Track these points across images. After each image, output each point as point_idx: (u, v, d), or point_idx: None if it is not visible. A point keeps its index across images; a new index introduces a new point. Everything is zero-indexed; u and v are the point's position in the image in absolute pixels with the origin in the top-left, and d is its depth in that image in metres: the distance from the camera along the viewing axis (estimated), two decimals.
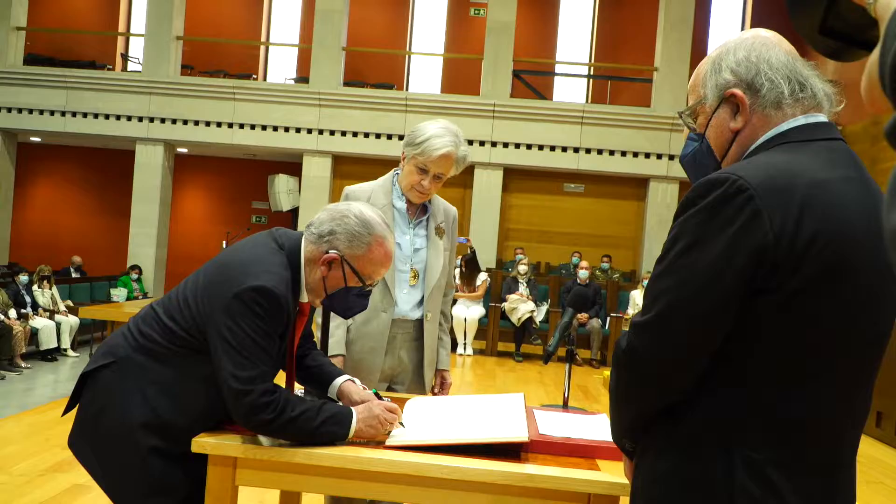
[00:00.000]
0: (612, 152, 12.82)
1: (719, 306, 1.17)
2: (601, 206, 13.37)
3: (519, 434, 1.83)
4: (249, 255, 1.85)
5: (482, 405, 2.16)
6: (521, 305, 9.28)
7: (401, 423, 1.92)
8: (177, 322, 1.85)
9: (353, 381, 2.08)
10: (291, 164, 14.17)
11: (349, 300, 1.95)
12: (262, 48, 15.85)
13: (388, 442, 1.84)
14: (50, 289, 9.38)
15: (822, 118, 1.31)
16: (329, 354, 2.50)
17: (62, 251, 14.31)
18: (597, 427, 2.11)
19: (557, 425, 2.08)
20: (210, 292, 1.81)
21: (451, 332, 2.72)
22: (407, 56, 15.55)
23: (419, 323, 2.63)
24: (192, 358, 1.84)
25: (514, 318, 9.32)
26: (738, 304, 1.17)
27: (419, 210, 2.67)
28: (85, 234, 15.44)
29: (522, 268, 9.71)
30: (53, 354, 8.70)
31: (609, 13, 15.36)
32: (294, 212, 14.04)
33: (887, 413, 6.08)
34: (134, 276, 12.42)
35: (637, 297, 9.59)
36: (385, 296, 2.56)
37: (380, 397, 1.99)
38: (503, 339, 9.57)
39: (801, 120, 1.29)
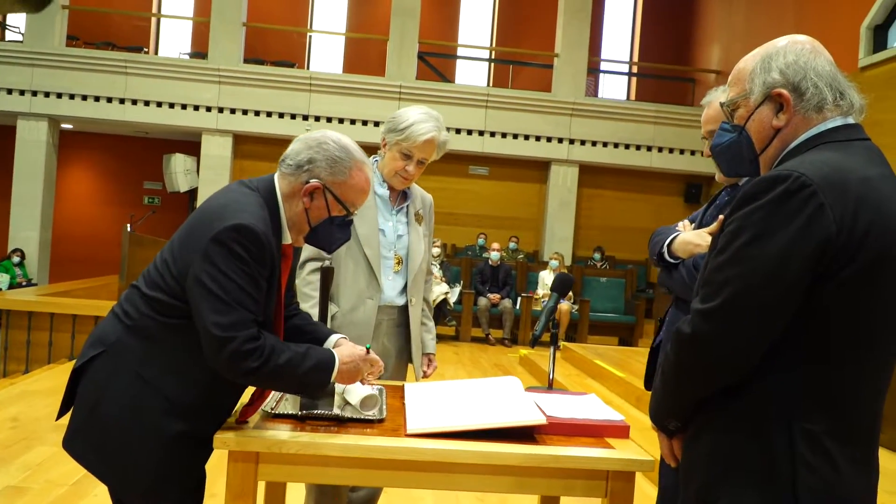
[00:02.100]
0: (515, 136, 13.08)
1: (786, 293, 1.26)
2: (505, 189, 13.62)
3: (536, 417, 1.88)
4: (222, 200, 1.77)
5: (481, 389, 2.19)
6: (435, 287, 9.35)
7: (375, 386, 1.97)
8: (160, 289, 1.74)
9: (346, 338, 2.01)
10: (187, 143, 13.62)
11: (332, 232, 1.89)
12: (154, 20, 15.07)
13: (410, 430, 1.84)
14: None
15: (853, 120, 1.41)
16: None
17: None
18: (591, 407, 2.19)
19: (556, 407, 2.14)
20: (186, 244, 1.73)
21: None
22: (308, 34, 15.20)
23: (404, 309, 2.64)
24: (185, 327, 1.72)
25: None
26: (803, 291, 1.26)
27: (399, 197, 2.67)
28: None
29: (436, 250, 9.77)
30: None
31: None
32: (192, 193, 13.50)
33: None
34: (16, 259, 11.66)
35: (546, 278, 9.86)
36: (371, 282, 2.55)
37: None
38: None
39: (838, 121, 1.39)
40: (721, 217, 2.16)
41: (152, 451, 1.73)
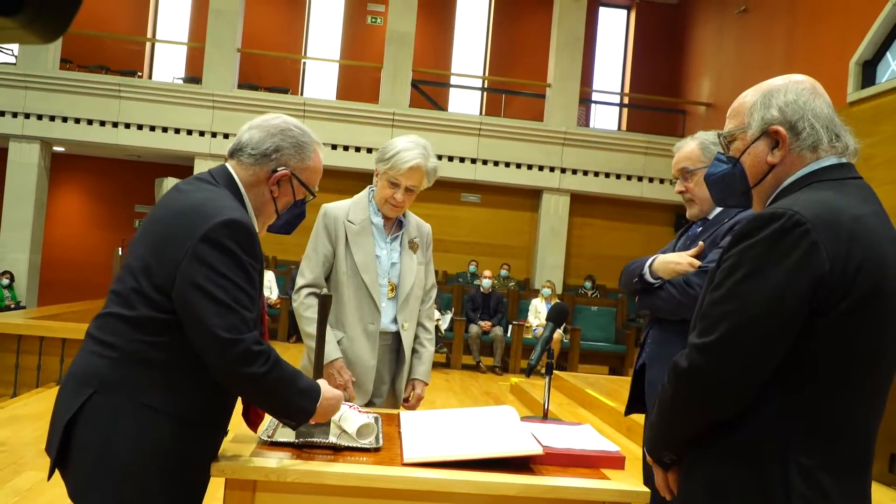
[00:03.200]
0: (507, 164, 13.17)
1: (781, 328, 1.29)
2: (496, 216, 13.69)
3: (532, 447, 1.88)
4: (195, 198, 1.67)
5: (477, 419, 2.20)
6: None
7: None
8: (145, 307, 1.63)
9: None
10: (180, 167, 13.64)
11: (295, 215, 1.90)
12: (148, 45, 15.15)
13: (406, 459, 1.84)
14: None
15: (845, 160, 1.45)
16: (329, 360, 2.50)
17: None
18: (586, 437, 2.20)
19: (552, 437, 2.15)
20: (163, 252, 1.62)
21: None
22: (302, 61, 15.32)
23: (397, 335, 2.66)
24: (178, 342, 1.62)
25: None
26: (797, 326, 1.29)
27: (395, 225, 2.71)
28: None
29: None
30: None
31: (503, 28, 15.75)
32: None
33: None
34: (5, 282, 11.59)
35: (538, 306, 9.87)
36: (371, 308, 2.59)
37: None
38: None
39: (832, 160, 1.43)
40: (701, 243, 2.21)
41: (173, 478, 1.66)
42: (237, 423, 2.06)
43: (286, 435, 1.97)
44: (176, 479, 1.67)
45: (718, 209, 2.37)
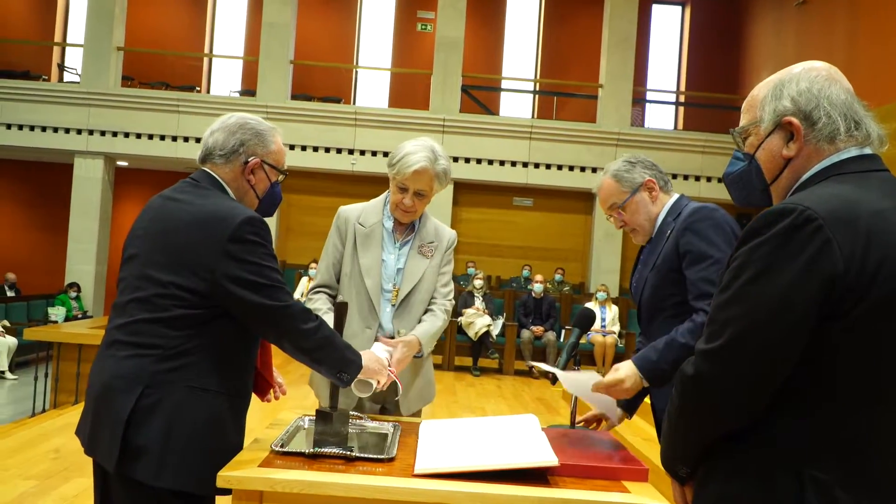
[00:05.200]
0: (559, 167, 13.02)
1: (790, 333, 1.19)
2: (550, 220, 13.54)
3: (548, 458, 1.82)
4: (208, 205, 1.87)
5: (497, 427, 2.14)
6: (477, 320, 9.30)
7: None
8: (180, 307, 1.80)
9: None
10: None
11: (274, 196, 2.08)
12: (206, 60, 15.54)
13: (417, 470, 1.80)
14: None
15: (870, 151, 1.34)
16: None
17: None
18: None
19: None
20: (193, 255, 1.81)
21: None
22: (354, 70, 15.49)
23: None
24: (212, 327, 1.83)
25: (471, 333, 9.33)
26: (808, 330, 1.19)
27: (407, 230, 2.66)
28: (20, 251, 14.81)
29: (478, 282, 9.74)
30: None
31: (553, 30, 15.62)
32: None
33: None
34: (73, 294, 12.01)
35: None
36: (371, 312, 2.55)
37: None
38: (460, 353, 9.55)
39: (853, 152, 1.32)
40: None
41: (228, 440, 1.87)
42: (251, 433, 2.04)
43: (298, 445, 1.96)
44: (229, 441, 1.87)
45: (659, 223, 2.41)
